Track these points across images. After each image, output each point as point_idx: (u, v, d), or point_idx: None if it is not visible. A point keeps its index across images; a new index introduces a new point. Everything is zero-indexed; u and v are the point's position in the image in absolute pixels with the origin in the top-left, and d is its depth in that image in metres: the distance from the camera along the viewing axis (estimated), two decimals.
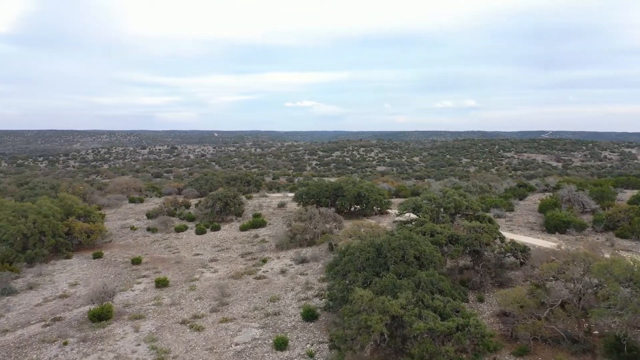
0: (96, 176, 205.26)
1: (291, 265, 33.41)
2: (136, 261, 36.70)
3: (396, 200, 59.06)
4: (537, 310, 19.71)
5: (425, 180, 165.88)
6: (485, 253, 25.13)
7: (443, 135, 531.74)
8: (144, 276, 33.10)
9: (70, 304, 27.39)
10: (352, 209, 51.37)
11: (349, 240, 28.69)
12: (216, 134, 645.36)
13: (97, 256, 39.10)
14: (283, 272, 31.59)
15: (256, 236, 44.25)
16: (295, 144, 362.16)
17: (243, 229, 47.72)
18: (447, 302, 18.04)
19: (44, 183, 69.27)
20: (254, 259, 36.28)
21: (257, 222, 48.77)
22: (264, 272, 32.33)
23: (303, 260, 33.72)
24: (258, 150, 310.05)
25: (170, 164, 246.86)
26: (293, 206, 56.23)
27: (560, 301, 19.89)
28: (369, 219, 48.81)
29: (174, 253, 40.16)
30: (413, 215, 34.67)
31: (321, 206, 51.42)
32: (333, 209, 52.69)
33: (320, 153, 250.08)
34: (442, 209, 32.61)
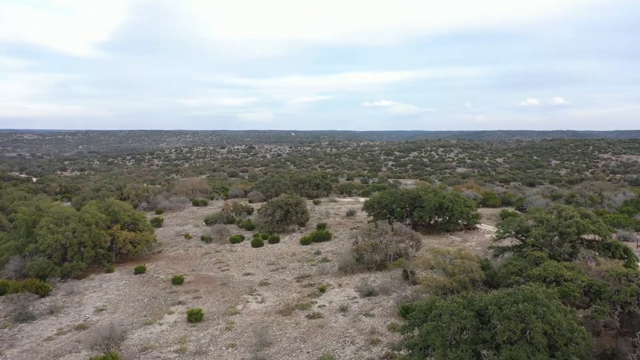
0: (176, 175, 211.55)
1: (355, 298, 26.63)
2: (177, 281, 31.76)
3: (484, 211, 50.25)
4: None
5: (512, 183, 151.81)
6: None
7: (528, 134, 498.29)
8: (180, 303, 27.88)
9: (84, 341, 22.56)
10: (432, 221, 43.56)
11: (431, 279, 21.44)
12: (293, 134, 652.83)
13: (139, 271, 34.76)
14: (343, 309, 24.88)
15: (318, 252, 37.95)
16: (371, 143, 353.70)
17: (304, 242, 41.65)
18: None
19: (111, 184, 67.86)
20: (311, 285, 29.92)
21: (321, 235, 42.49)
22: (320, 306, 25.84)
23: (370, 293, 26.82)
24: (333, 150, 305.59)
25: (246, 164, 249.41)
26: (363, 215, 49.41)
27: None
28: (453, 235, 40.78)
29: (222, 271, 34.89)
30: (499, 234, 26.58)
31: (394, 218, 44.20)
32: (408, 220, 45.23)
33: (397, 153, 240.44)
34: (557, 234, 24.22)
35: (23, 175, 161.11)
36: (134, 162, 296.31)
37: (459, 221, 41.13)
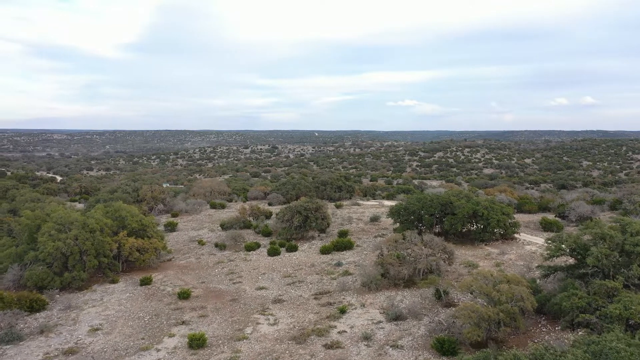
0: (199, 175, 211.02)
1: (380, 323, 23.20)
2: (184, 295, 28.89)
3: (519, 218, 45.84)
4: None
5: (542, 185, 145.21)
6: None
7: (557, 134, 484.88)
8: (184, 323, 24.94)
9: None
10: (464, 229, 39.73)
11: (472, 308, 17.88)
12: (317, 134, 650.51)
13: (145, 282, 32.06)
14: (367, 337, 21.46)
15: (339, 264, 34.62)
16: (395, 143, 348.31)
17: (324, 251, 38.39)
18: None
19: (127, 185, 65.86)
20: (330, 303, 26.62)
21: (343, 244, 39.15)
22: (339, 332, 22.50)
23: (397, 317, 23.36)
24: (357, 150, 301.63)
25: (269, 164, 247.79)
26: (388, 222, 45.88)
27: None
28: (489, 246, 36.89)
29: (234, 283, 31.90)
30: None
31: (422, 225, 40.56)
32: (438, 228, 41.51)
33: (422, 154, 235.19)
34: (620, 254, 20.29)
35: (48, 175, 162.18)
36: (158, 161, 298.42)
37: (495, 230, 37.22)
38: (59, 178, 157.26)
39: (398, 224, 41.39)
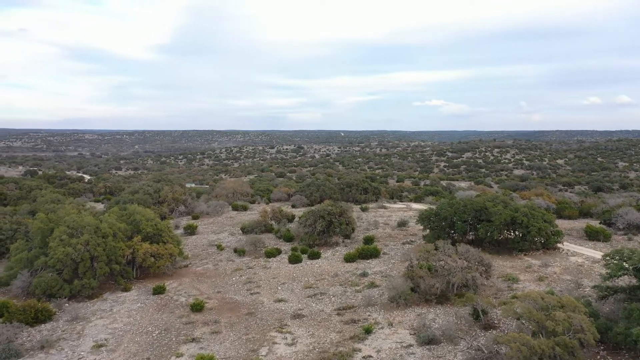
0: (224, 174, 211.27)
1: (410, 347, 20.63)
2: (197, 307, 26.91)
3: (559, 224, 42.30)
4: None
5: (576, 187, 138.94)
6: None
7: (590, 134, 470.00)
8: (194, 340, 22.92)
9: None
10: (500, 237, 36.63)
11: (521, 340, 15.12)
12: (342, 134, 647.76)
13: (158, 291, 30.27)
14: None
15: (364, 274, 32.11)
16: (422, 144, 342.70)
17: (348, 259, 35.93)
18: None
19: (149, 186, 64.76)
20: (354, 321, 24.16)
21: (368, 251, 36.62)
22: (364, 358, 20.02)
23: (430, 340, 20.75)
24: (383, 150, 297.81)
25: (295, 164, 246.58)
26: (417, 227, 43.08)
27: None
28: (529, 256, 33.76)
29: (252, 294, 29.77)
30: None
31: (455, 233, 37.64)
32: (471, 235, 38.53)
33: (449, 154, 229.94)
34: None
35: (76, 175, 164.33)
36: (185, 161, 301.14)
37: (536, 239, 34.04)
38: (87, 177, 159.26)
39: (428, 231, 38.63)
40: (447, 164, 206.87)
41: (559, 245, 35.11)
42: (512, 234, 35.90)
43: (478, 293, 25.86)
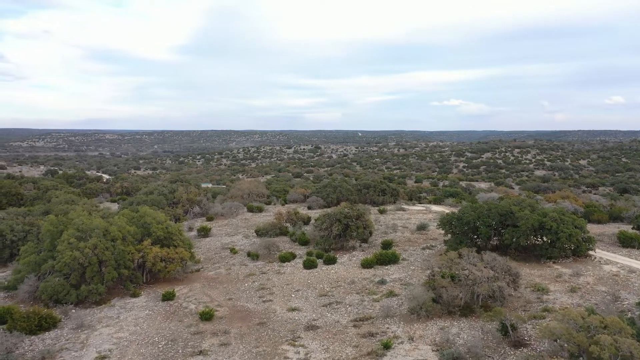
0: (241, 174, 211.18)
1: None
2: (206, 316, 25.66)
3: (589, 228, 40.03)
4: None
5: (600, 188, 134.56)
6: None
7: (613, 134, 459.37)
8: (201, 353, 21.64)
9: None
10: (527, 243, 34.61)
11: None
12: (360, 134, 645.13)
13: (167, 298, 29.12)
14: None
15: (382, 281, 30.51)
16: (441, 144, 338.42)
17: (366, 265, 34.36)
18: None
19: (163, 187, 64.08)
20: (372, 334, 22.60)
21: (386, 256, 35.00)
22: None
23: (455, 359, 19.06)
24: (401, 150, 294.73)
25: (312, 164, 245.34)
26: (437, 231, 41.28)
27: None
28: (558, 264, 31.73)
29: (264, 301, 28.42)
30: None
31: (478, 238, 35.73)
32: (495, 241, 36.58)
33: (468, 154, 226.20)
34: None
35: (95, 174, 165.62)
36: (203, 161, 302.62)
37: (566, 246, 31.99)
38: (105, 177, 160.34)
39: (449, 235, 36.83)
40: (466, 165, 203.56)
41: (590, 252, 32.99)
42: (539, 239, 33.91)
43: (505, 305, 24.09)
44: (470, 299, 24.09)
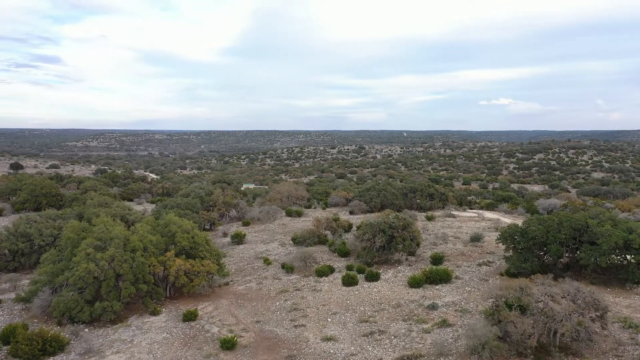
0: (284, 175, 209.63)
1: None
2: (228, 344, 22.27)
3: None
4: None
5: None
6: None
7: None
8: None
9: None
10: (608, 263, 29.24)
11: None
12: (405, 134, 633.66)
13: (189, 318, 26.01)
14: None
15: (433, 306, 26.19)
16: (490, 144, 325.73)
17: (413, 283, 30.09)
18: None
19: (200, 189, 61.81)
20: None
21: (437, 274, 30.58)
22: None
23: None
24: (447, 151, 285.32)
25: (356, 164, 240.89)
26: (495, 244, 36.34)
27: None
28: None
29: (296, 326, 24.77)
30: None
31: (549, 257, 30.64)
32: (567, 258, 31.41)
33: (519, 155, 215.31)
34: None
35: (141, 174, 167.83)
36: (247, 161, 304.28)
37: None
38: (151, 177, 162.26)
39: (511, 251, 31.96)
40: (517, 166, 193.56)
41: None
42: (622, 259, 28.56)
43: (591, 347, 19.36)
44: (548, 340, 19.47)
